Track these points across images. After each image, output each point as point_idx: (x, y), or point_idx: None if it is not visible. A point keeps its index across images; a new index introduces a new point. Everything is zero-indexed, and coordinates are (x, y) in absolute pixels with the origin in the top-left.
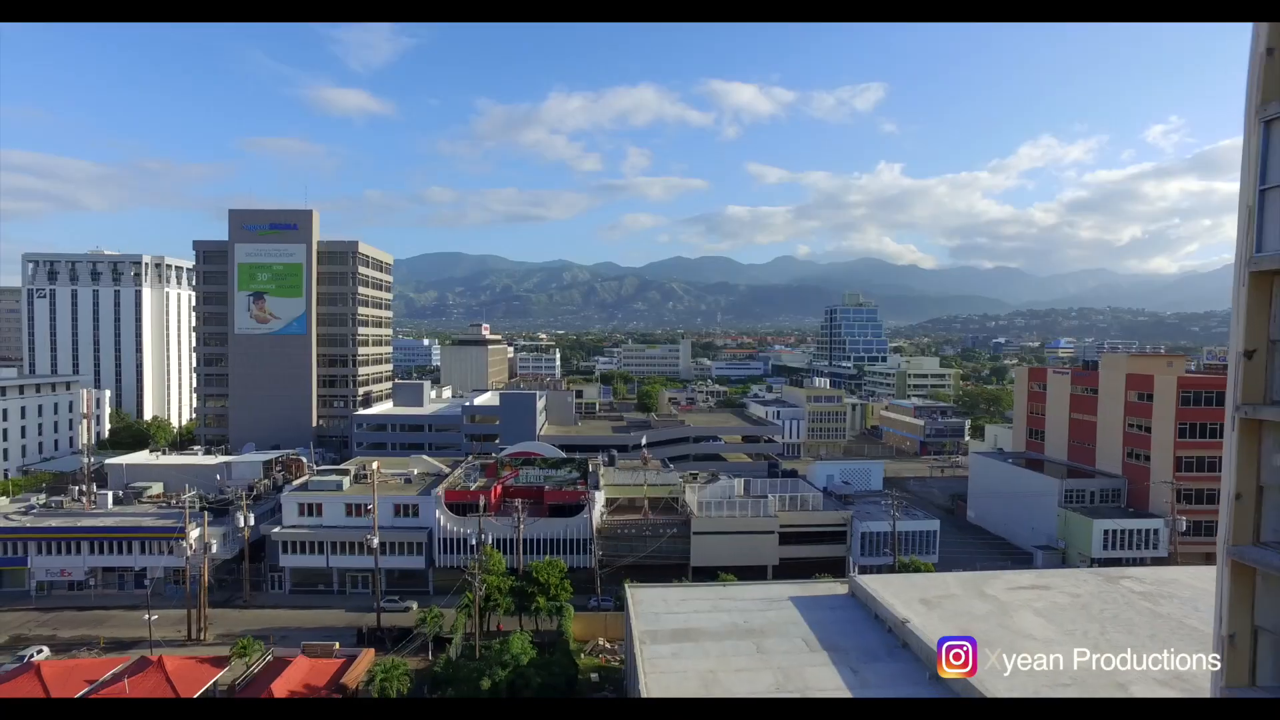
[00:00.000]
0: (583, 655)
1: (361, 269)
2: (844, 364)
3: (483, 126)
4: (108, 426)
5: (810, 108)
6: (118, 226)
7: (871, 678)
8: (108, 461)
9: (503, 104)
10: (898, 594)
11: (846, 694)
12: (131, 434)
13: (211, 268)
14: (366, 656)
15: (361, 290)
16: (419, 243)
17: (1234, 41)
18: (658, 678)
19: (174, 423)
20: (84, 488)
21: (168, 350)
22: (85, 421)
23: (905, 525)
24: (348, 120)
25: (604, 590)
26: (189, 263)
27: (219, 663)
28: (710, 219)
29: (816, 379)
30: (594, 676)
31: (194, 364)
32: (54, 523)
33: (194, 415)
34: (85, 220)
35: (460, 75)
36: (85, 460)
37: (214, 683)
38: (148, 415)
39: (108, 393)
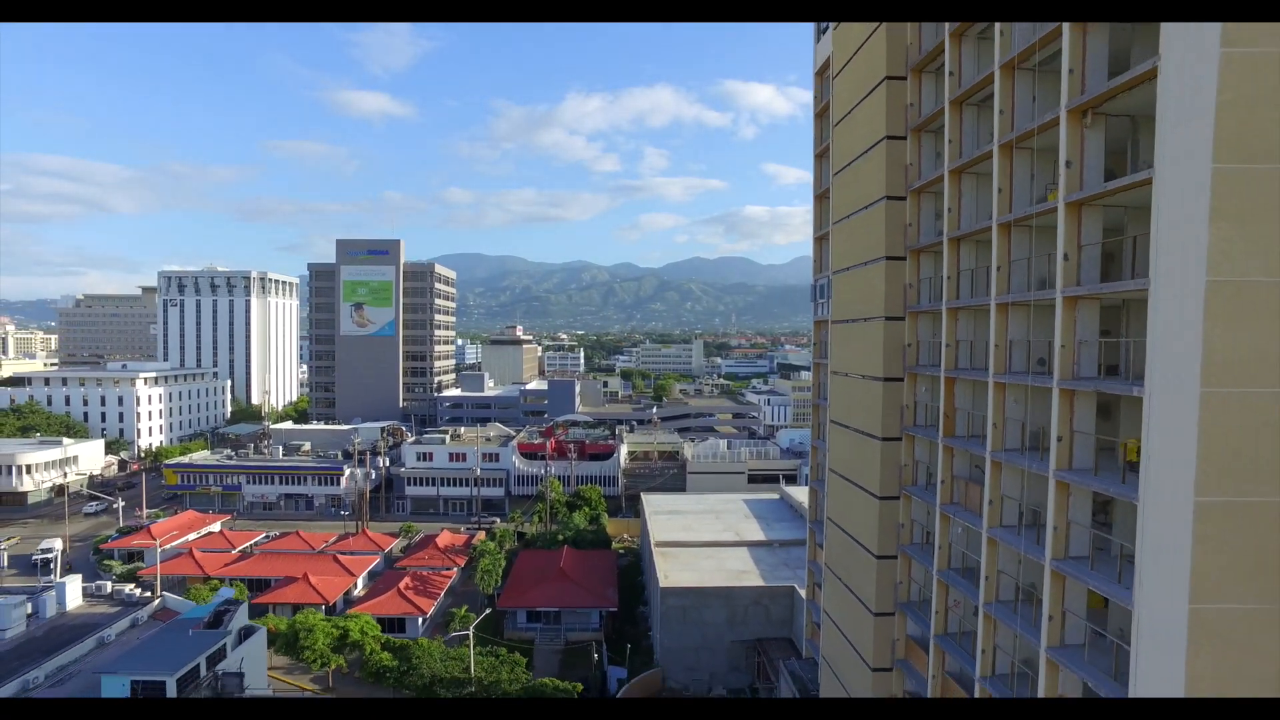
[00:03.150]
0: (613, 543)
1: (436, 284)
2: None
3: (501, 128)
4: (229, 409)
5: None
6: (148, 230)
7: (776, 526)
8: (272, 426)
9: (521, 105)
10: (803, 494)
11: (762, 534)
12: (245, 415)
13: (321, 284)
14: (481, 534)
15: (436, 301)
16: (439, 244)
17: None
18: (659, 526)
19: (276, 406)
20: (267, 443)
21: (269, 348)
22: (265, 397)
23: None
24: (368, 122)
25: (626, 508)
26: (286, 277)
27: (394, 535)
28: (729, 219)
29: (804, 373)
30: (620, 550)
31: (309, 358)
32: (253, 464)
33: (291, 400)
34: (117, 223)
35: (478, 77)
36: (266, 424)
37: (393, 546)
38: (255, 400)
39: (228, 382)
